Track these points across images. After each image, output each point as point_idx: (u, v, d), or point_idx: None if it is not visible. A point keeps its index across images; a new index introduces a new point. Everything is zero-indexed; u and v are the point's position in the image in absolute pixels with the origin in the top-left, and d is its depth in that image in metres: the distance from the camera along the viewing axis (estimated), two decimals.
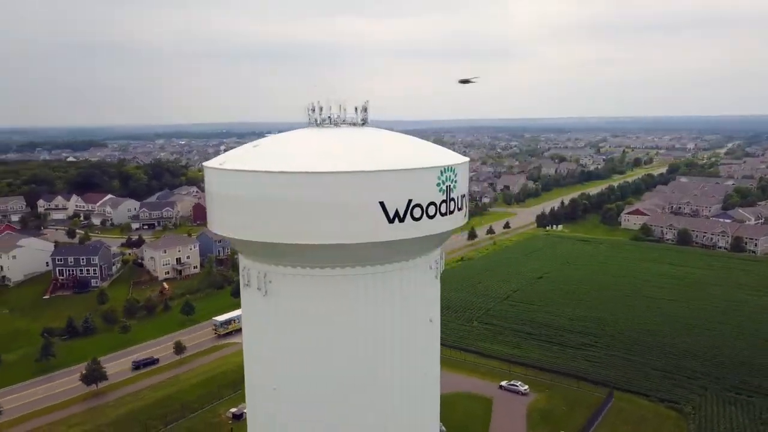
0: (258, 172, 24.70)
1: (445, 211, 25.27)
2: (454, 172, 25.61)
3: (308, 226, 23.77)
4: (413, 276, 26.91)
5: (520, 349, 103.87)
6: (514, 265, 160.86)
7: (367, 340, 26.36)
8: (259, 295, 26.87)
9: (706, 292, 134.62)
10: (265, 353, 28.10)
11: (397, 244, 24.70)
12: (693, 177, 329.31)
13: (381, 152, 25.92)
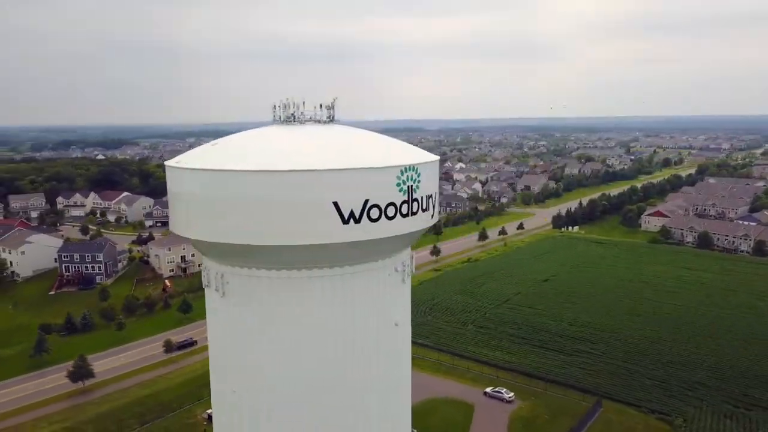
0: (206, 170, 24.16)
1: (407, 212, 24.43)
2: (417, 172, 24.76)
3: (259, 226, 23.15)
4: (376, 278, 26.15)
5: (512, 355, 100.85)
6: (521, 267, 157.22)
7: (326, 344, 25.70)
8: (217, 296, 26.55)
9: (718, 298, 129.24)
10: (224, 356, 27.70)
11: (354, 246, 23.92)
12: (722, 178, 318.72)
13: (340, 151, 25.21)
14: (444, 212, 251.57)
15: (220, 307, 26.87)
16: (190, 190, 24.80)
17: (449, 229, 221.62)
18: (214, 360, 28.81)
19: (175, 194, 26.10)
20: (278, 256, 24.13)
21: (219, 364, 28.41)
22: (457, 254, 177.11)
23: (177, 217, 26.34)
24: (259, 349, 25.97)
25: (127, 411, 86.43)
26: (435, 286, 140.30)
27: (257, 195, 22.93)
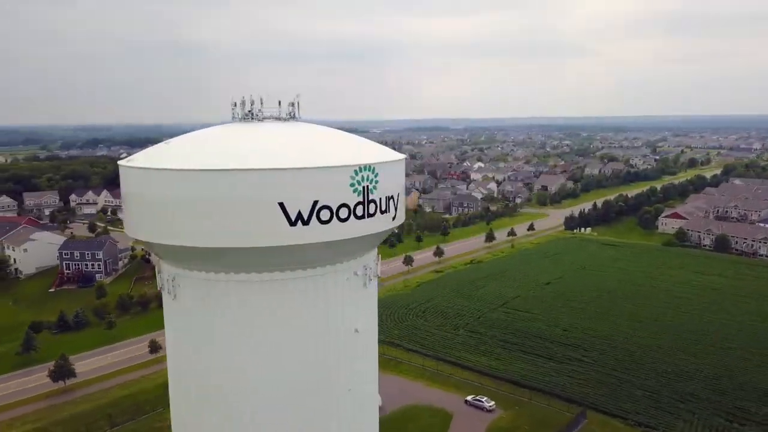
0: (148, 169, 23.26)
1: (363, 213, 23.29)
2: (374, 172, 23.54)
3: (202, 227, 22.21)
4: (334, 283, 25.11)
5: (500, 361, 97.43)
6: (525, 269, 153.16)
7: (279, 350, 24.64)
8: (169, 299, 25.90)
9: (727, 304, 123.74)
10: (176, 361, 26.95)
11: (304, 249, 22.79)
12: (749, 179, 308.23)
13: (293, 149, 24.07)
14: (456, 212, 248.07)
15: (172, 310, 26.15)
16: (137, 190, 23.98)
17: (459, 229, 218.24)
18: (170, 365, 27.80)
19: (125, 194, 25.24)
20: (224, 258, 23.03)
21: (173, 369, 27.56)
22: (461, 255, 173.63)
23: (127, 218, 25.38)
24: (209, 355, 24.98)
25: (101, 412, 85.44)
26: (433, 288, 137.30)
27: (198, 195, 21.96)
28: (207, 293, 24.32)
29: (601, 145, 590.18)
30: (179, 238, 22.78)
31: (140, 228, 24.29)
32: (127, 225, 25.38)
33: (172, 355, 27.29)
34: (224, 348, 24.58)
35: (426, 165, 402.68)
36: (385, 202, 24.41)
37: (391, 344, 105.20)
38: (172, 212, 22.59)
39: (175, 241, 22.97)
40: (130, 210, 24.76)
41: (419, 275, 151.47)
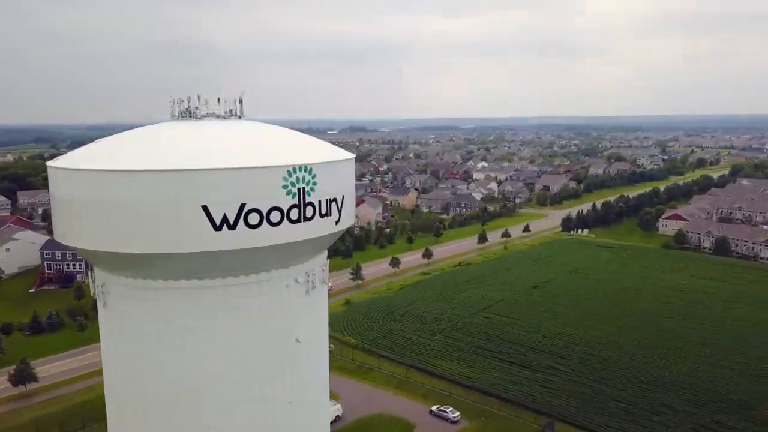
0: (69, 170, 22.33)
1: (298, 217, 22.19)
2: (311, 173, 22.40)
3: (122, 232, 21.26)
4: (270, 291, 24.03)
5: (473, 369, 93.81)
6: (514, 271, 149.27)
7: (212, 362, 23.57)
8: (100, 305, 25.24)
9: (718, 310, 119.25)
10: (110, 370, 26.03)
11: (231, 256, 21.71)
12: (757, 179, 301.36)
13: (224, 148, 22.82)
14: (454, 213, 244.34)
15: (104, 318, 25.33)
16: (61, 191, 23.02)
17: (454, 230, 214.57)
18: (105, 373, 26.83)
19: (51, 196, 24.26)
20: (148, 265, 22.09)
21: (107, 378, 26.62)
22: (451, 257, 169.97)
23: (54, 222, 24.32)
24: (137, 365, 24.09)
25: (55, 419, 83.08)
26: (416, 290, 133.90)
27: (117, 197, 20.99)
28: (135, 301, 23.34)
29: (610, 145, 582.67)
30: (101, 243, 21.81)
31: (66, 232, 23.12)
32: (55, 229, 24.24)
33: (105, 363, 26.25)
34: (153, 358, 23.58)
35: (429, 164, 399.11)
36: (325, 205, 23.17)
37: (364, 350, 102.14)
38: (92, 215, 21.58)
39: (98, 246, 21.98)
40: (56, 213, 23.64)
41: (405, 277, 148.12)
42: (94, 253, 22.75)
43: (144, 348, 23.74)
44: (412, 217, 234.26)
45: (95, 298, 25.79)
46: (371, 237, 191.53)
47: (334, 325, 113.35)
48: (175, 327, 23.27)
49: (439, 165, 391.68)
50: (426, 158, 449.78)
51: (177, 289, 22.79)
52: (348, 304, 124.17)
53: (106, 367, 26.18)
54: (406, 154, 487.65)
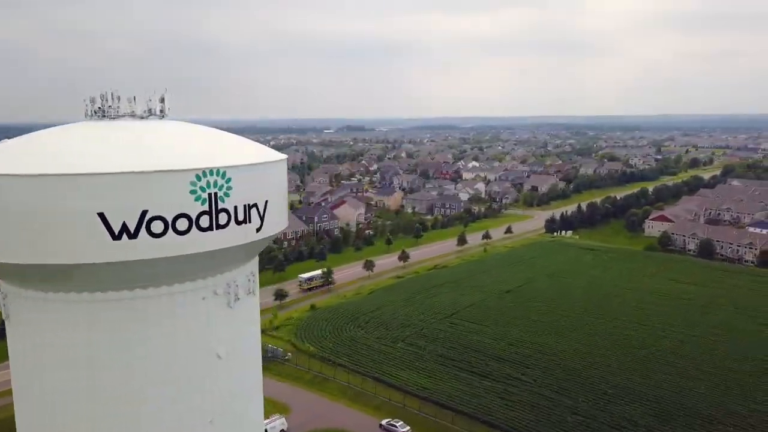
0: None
1: (210, 225, 20.39)
2: (224, 177, 20.58)
3: (13, 240, 19.61)
4: (187, 303, 22.15)
5: (432, 379, 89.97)
6: (490, 275, 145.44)
7: (120, 382, 21.68)
8: (5, 318, 23.06)
9: (695, 316, 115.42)
10: (16, 385, 23.97)
11: (133, 267, 19.94)
12: (748, 180, 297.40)
13: (131, 150, 20.96)
14: (438, 213, 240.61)
15: (9, 332, 23.11)
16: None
17: (436, 231, 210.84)
18: (14, 391, 24.49)
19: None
20: (44, 276, 20.31)
21: (15, 394, 24.43)
22: (428, 260, 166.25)
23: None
24: (40, 382, 22.10)
25: None
26: (386, 295, 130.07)
27: (7, 204, 19.30)
28: (38, 314, 21.60)
29: (605, 145, 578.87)
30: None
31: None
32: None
33: (13, 381, 24.22)
34: (60, 376, 21.74)
35: (420, 164, 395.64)
36: (243, 211, 21.46)
37: (322, 359, 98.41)
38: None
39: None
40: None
41: (377, 281, 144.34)
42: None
43: (49, 366, 21.79)
44: (396, 217, 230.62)
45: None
46: (350, 239, 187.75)
47: (295, 332, 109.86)
48: (81, 343, 21.30)
49: (429, 165, 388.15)
50: (418, 158, 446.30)
51: (78, 302, 20.82)
52: (313, 310, 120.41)
53: (14, 385, 24.01)
54: (398, 154, 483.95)
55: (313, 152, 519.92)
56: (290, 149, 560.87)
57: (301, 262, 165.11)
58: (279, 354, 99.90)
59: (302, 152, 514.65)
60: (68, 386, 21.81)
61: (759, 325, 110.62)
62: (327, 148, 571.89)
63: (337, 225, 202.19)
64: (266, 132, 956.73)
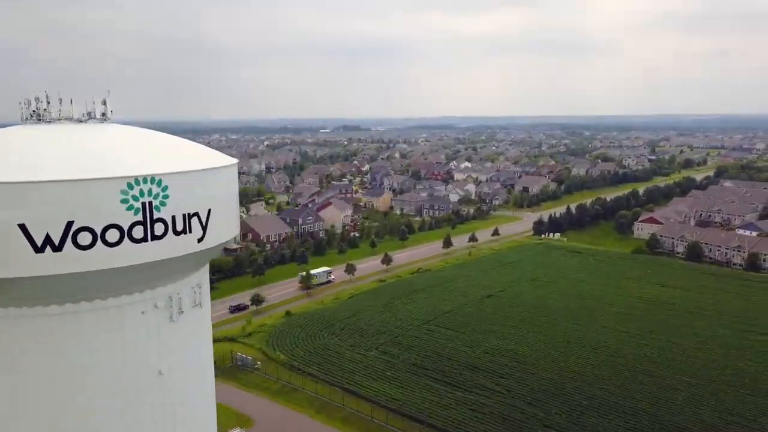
0: None
1: (144, 236, 19.31)
2: (160, 185, 19.46)
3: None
4: (124, 318, 20.95)
5: (402, 390, 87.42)
6: (472, 279, 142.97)
7: (54, 400, 20.33)
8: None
9: (677, 323, 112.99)
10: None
11: (59, 280, 18.63)
12: (740, 181, 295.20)
13: (61, 157, 19.71)
14: (427, 215, 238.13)
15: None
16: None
17: (423, 233, 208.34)
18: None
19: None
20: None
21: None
22: (412, 263, 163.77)
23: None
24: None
25: None
26: (364, 300, 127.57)
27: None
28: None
29: (600, 145, 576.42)
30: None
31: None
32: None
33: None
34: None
35: (412, 165, 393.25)
36: (182, 221, 20.26)
37: (292, 367, 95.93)
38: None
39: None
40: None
41: (358, 285, 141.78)
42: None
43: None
44: (385, 219, 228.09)
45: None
46: (334, 241, 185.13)
47: (268, 339, 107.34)
48: (6, 362, 20.14)
49: (421, 165, 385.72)
50: (411, 158, 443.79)
51: (6, 318, 19.55)
52: (288, 316, 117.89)
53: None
54: (391, 154, 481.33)
55: (306, 152, 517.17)
56: (283, 149, 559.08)
57: (283, 265, 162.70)
58: (249, 362, 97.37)
59: (295, 152, 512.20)
60: (6, 401, 20.79)
61: (741, 332, 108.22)
62: (321, 148, 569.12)
63: (323, 227, 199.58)
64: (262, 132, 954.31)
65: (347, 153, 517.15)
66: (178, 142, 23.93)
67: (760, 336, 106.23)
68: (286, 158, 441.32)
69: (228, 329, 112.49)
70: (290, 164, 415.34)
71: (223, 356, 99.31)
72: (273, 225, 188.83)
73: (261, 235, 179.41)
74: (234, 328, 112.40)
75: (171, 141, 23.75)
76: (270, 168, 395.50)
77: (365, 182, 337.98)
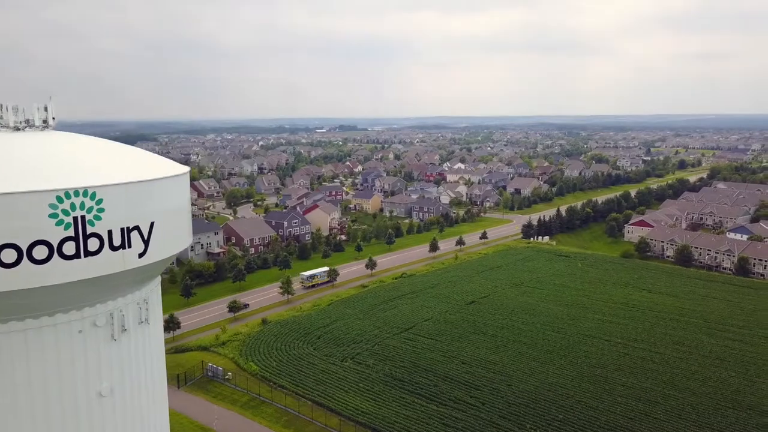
0: None
1: (76, 252, 18.05)
2: (94, 197, 18.27)
3: None
4: (59, 338, 19.72)
5: (374, 403, 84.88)
6: (456, 284, 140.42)
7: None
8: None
9: (661, 331, 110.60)
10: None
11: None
12: (734, 183, 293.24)
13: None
14: (417, 218, 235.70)
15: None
16: None
17: (411, 236, 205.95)
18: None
19: None
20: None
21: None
22: (397, 267, 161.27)
23: None
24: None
25: None
26: (344, 307, 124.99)
27: None
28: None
29: (596, 145, 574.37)
30: None
31: None
32: None
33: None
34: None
35: (406, 165, 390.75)
36: (120, 236, 19.14)
37: (263, 378, 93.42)
38: None
39: None
40: None
41: (339, 291, 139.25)
42: None
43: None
44: (374, 222, 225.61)
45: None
46: (320, 245, 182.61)
47: (241, 348, 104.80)
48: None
49: (415, 166, 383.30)
50: (405, 159, 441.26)
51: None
52: (264, 324, 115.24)
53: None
54: (385, 155, 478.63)
55: (300, 153, 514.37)
56: (277, 149, 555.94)
57: (266, 269, 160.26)
58: (219, 373, 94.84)
59: (289, 153, 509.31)
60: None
61: (726, 340, 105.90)
62: (315, 149, 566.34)
63: (309, 230, 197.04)
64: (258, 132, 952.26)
65: (341, 153, 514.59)
66: (123, 151, 22.53)
67: (744, 345, 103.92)
68: (279, 159, 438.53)
69: (203, 338, 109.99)
70: (283, 165, 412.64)
71: (194, 367, 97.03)
72: (257, 228, 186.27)
73: (244, 238, 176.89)
74: (208, 337, 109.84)
75: (115, 150, 22.38)
76: (262, 169, 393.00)
77: (357, 184, 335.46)
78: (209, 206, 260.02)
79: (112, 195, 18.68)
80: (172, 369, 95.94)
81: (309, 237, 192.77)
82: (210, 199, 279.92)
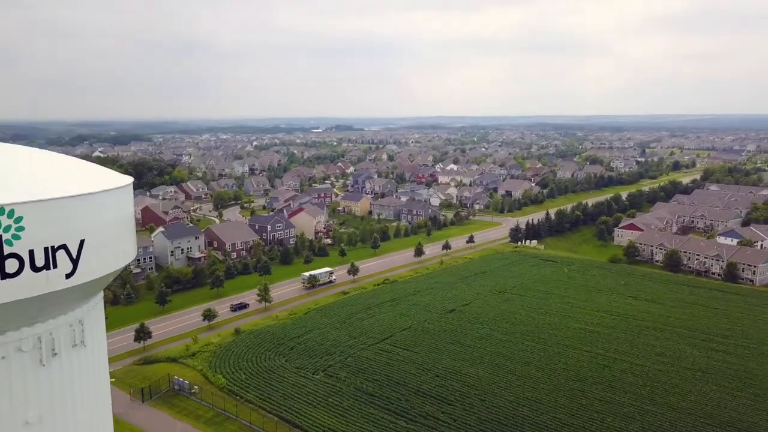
0: None
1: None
2: (12, 216, 16.51)
3: None
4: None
5: (342, 419, 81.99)
6: (437, 292, 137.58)
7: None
8: None
9: (644, 341, 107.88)
10: None
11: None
12: (727, 185, 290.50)
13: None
14: (406, 220, 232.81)
15: None
16: None
17: (399, 240, 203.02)
18: None
19: None
20: None
21: None
22: (380, 273, 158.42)
23: None
24: None
25: None
26: (322, 316, 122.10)
27: None
28: None
29: (591, 146, 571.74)
30: None
31: None
32: None
33: None
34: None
35: (398, 167, 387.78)
36: (43, 256, 17.83)
37: (231, 392, 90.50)
38: None
39: None
40: None
41: (318, 298, 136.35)
42: None
43: None
44: (362, 225, 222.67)
45: None
46: (304, 249, 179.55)
47: (210, 360, 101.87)
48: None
49: (407, 167, 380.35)
50: (398, 159, 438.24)
51: None
52: (237, 334, 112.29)
53: None
54: (378, 155, 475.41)
55: (293, 153, 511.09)
56: (270, 150, 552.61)
57: (246, 275, 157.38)
58: (186, 387, 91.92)
59: (282, 153, 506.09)
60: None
61: (709, 351, 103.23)
62: (309, 149, 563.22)
63: (293, 234, 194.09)
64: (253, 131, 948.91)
65: (334, 154, 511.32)
66: (59, 163, 20.79)
67: (727, 356, 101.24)
68: (272, 159, 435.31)
69: (172, 348, 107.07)
70: (275, 166, 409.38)
71: (160, 379, 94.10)
72: (240, 232, 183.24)
73: (226, 243, 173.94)
74: (178, 347, 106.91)
75: (49, 162, 20.55)
76: (254, 170, 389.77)
77: (348, 185, 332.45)
78: (196, 208, 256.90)
79: (33, 212, 17.28)
80: (138, 382, 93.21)
81: (293, 241, 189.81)
82: (197, 201, 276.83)
